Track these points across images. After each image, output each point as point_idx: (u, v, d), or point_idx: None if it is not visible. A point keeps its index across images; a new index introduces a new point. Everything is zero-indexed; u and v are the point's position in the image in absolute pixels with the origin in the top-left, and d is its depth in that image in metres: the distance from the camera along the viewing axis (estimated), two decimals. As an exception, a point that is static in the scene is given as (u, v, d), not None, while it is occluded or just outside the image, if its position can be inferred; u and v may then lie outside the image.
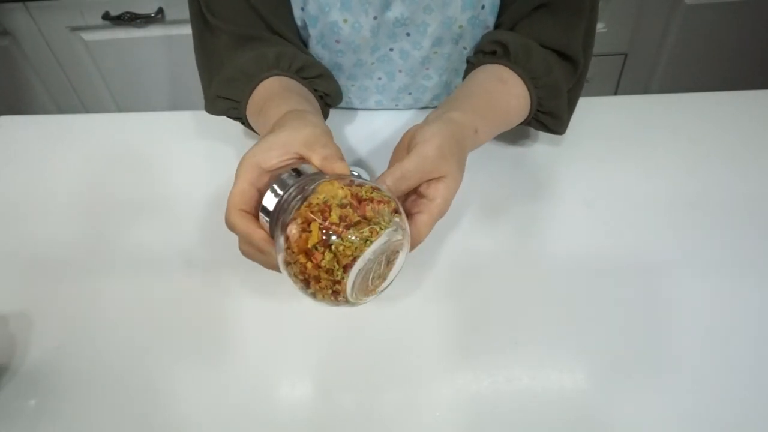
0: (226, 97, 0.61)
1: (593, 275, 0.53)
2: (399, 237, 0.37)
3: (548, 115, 0.61)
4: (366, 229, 0.35)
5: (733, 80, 1.27)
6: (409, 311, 0.52)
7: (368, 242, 0.35)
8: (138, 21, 1.17)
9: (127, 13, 1.16)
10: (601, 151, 0.67)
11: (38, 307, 0.56)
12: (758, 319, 0.49)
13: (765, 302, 0.50)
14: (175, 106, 1.33)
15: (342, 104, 0.71)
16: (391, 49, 0.67)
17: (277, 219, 0.38)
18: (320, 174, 0.40)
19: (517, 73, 0.59)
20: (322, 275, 0.35)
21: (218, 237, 0.60)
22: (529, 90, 0.59)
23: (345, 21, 0.63)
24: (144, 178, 0.69)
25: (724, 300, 0.51)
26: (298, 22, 0.65)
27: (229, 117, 0.64)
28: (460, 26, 0.64)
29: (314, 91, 0.61)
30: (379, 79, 0.71)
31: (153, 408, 0.47)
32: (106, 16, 1.16)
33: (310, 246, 0.35)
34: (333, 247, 0.34)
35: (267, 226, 0.40)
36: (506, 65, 0.59)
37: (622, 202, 0.60)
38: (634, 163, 0.64)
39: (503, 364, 0.47)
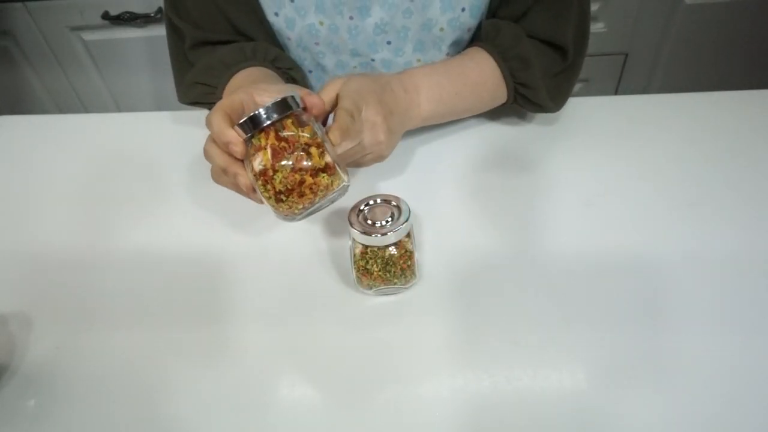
0: (202, 83, 0.64)
1: (593, 274, 0.53)
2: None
3: (525, 87, 0.64)
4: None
5: (733, 80, 1.27)
6: (408, 311, 0.52)
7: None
8: (138, 21, 1.17)
9: (127, 12, 1.16)
10: (601, 150, 0.67)
11: (38, 307, 0.56)
12: (758, 318, 0.49)
13: (765, 301, 0.50)
14: (174, 106, 1.33)
15: None
16: (373, 60, 0.68)
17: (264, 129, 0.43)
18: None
19: (484, 48, 0.63)
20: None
21: (220, 236, 0.61)
22: (498, 63, 0.63)
23: (321, 23, 0.64)
24: (144, 178, 0.69)
25: (724, 299, 0.51)
26: (273, 28, 0.66)
27: (200, 103, 0.67)
28: (441, 29, 0.64)
29: (287, 78, 0.65)
30: None
31: (153, 408, 0.47)
32: (105, 16, 1.16)
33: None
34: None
35: (241, 132, 0.44)
36: (476, 44, 0.64)
37: (621, 202, 0.60)
38: (633, 163, 0.64)
39: (503, 364, 0.47)
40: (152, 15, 1.15)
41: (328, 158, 0.43)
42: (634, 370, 0.46)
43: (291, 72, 0.65)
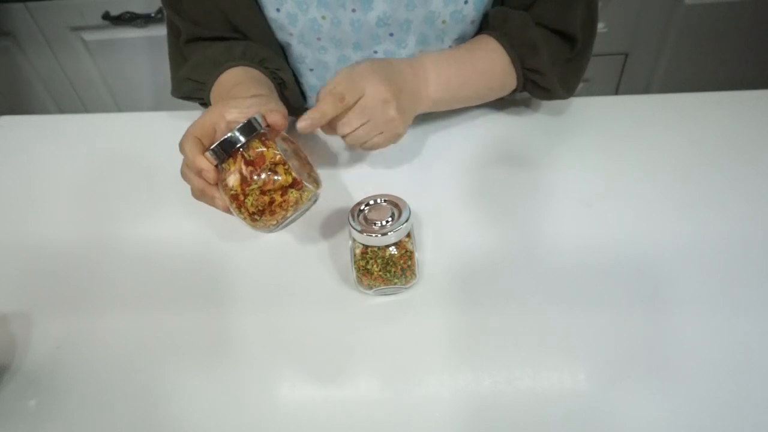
0: (193, 79, 0.65)
1: (593, 275, 0.53)
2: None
3: (534, 72, 0.65)
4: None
5: (733, 80, 1.27)
6: (408, 311, 0.52)
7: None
8: (138, 21, 1.17)
9: (127, 12, 1.16)
10: (602, 150, 0.67)
11: (39, 306, 0.56)
12: (759, 318, 0.49)
13: (766, 301, 0.50)
14: (174, 106, 1.33)
15: None
16: (376, 51, 0.68)
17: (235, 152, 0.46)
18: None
19: (492, 36, 0.64)
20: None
21: (220, 236, 0.61)
22: (506, 49, 0.63)
23: (323, 18, 0.64)
24: (144, 178, 0.69)
25: (724, 299, 0.51)
26: (273, 24, 0.66)
27: (192, 98, 0.69)
28: (444, 21, 0.64)
29: (274, 78, 0.66)
30: None
31: (153, 408, 0.47)
32: (106, 16, 1.16)
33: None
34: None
35: (212, 158, 0.46)
36: (484, 32, 0.65)
37: (622, 202, 0.60)
38: (634, 163, 0.64)
39: (503, 364, 0.47)
40: (153, 15, 1.15)
41: (295, 173, 0.45)
42: (634, 371, 0.46)
43: (279, 72, 0.66)
